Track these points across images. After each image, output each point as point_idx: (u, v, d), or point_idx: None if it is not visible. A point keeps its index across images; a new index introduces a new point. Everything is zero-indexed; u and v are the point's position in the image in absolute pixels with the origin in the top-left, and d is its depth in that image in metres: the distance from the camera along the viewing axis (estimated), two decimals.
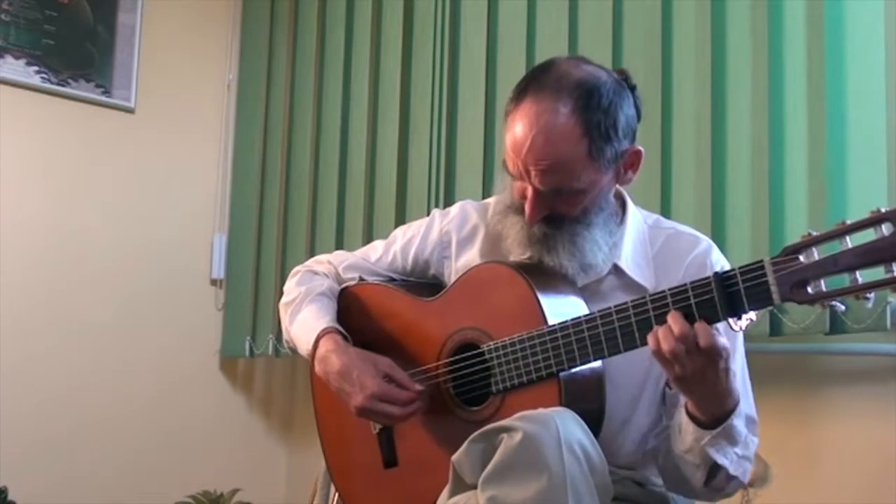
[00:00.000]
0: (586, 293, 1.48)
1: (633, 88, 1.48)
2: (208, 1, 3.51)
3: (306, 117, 3.24)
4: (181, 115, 3.40)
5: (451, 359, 1.51)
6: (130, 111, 3.27)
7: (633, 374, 1.42)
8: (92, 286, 3.16)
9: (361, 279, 1.72)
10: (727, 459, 1.35)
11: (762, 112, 2.02)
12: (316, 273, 1.74)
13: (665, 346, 1.25)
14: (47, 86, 3.11)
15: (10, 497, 2.71)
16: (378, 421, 1.56)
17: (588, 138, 1.39)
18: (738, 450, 1.35)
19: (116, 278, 3.20)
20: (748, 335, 1.94)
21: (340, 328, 1.61)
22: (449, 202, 2.63)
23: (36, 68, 3.10)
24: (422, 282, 1.70)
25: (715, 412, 1.32)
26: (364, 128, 3.01)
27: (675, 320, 1.25)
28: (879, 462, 1.87)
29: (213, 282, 3.44)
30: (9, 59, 3.05)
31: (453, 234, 1.65)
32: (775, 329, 1.95)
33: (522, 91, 1.44)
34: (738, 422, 1.33)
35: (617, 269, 1.50)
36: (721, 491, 1.42)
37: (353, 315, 1.67)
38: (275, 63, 3.41)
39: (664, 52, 2.22)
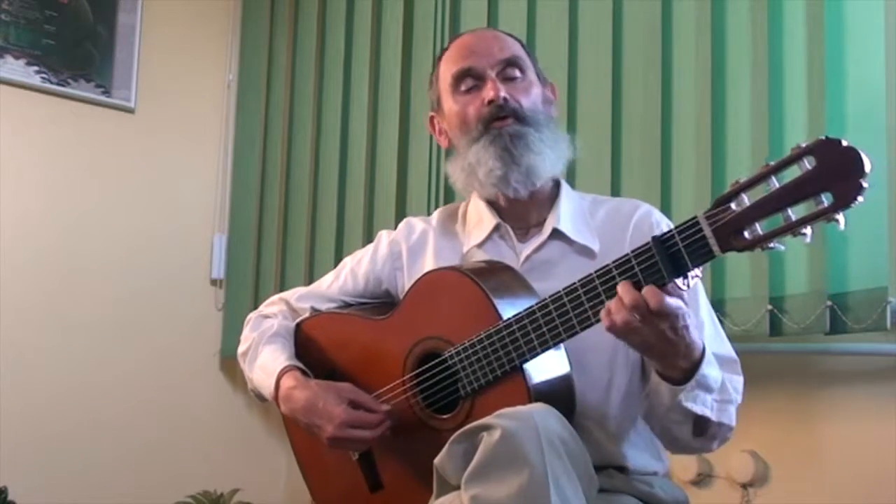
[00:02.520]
0: (535, 264, 1.53)
1: None
2: (208, 1, 3.51)
3: (306, 117, 3.24)
4: (181, 115, 3.40)
5: (416, 372, 1.51)
6: (130, 111, 3.28)
7: (605, 333, 1.40)
8: (92, 286, 3.16)
9: (314, 308, 1.73)
10: (707, 408, 1.36)
11: (762, 112, 2.02)
12: (267, 316, 1.77)
13: (618, 319, 1.25)
14: (47, 86, 3.11)
15: (10, 497, 2.71)
16: (352, 448, 1.56)
17: (519, 43, 1.64)
18: (715, 396, 1.36)
19: (116, 278, 3.20)
20: (748, 335, 1.95)
21: (299, 364, 1.62)
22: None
23: (36, 68, 3.10)
24: (375, 302, 1.71)
25: (683, 367, 1.33)
26: (364, 128, 3.01)
27: (625, 290, 1.25)
28: (879, 462, 1.87)
29: (213, 282, 3.44)
30: (9, 59, 3.05)
31: (402, 243, 1.69)
32: (775, 329, 1.95)
33: (448, 43, 1.67)
34: (708, 370, 1.34)
35: (558, 234, 1.55)
36: (715, 438, 1.42)
37: (312, 349, 1.68)
38: (275, 63, 3.41)
39: (664, 52, 2.22)
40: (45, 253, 3.09)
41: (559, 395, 1.36)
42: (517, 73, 1.57)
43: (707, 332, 1.47)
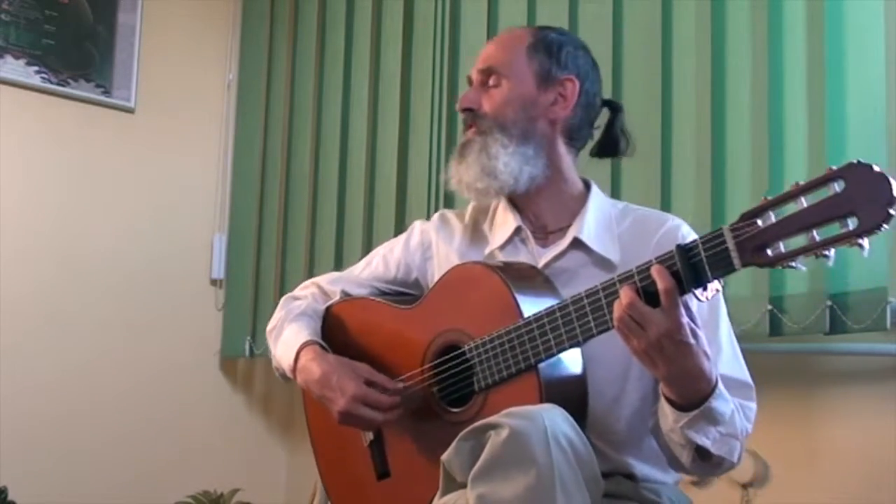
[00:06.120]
0: (554, 272, 1.52)
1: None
2: (208, 1, 3.51)
3: (306, 117, 3.24)
4: (181, 115, 3.40)
5: (434, 363, 1.52)
6: (130, 111, 3.27)
7: (619, 348, 1.38)
8: (92, 286, 3.16)
9: (344, 292, 1.75)
10: (708, 439, 1.35)
11: (762, 112, 2.02)
12: (297, 298, 1.79)
13: (616, 314, 1.27)
14: (47, 86, 3.11)
15: (10, 497, 2.71)
16: (361, 426, 1.57)
17: (533, 39, 1.61)
18: (720, 428, 1.35)
19: (116, 278, 3.20)
20: (748, 335, 1.95)
21: (321, 341, 1.63)
22: (449, 202, 2.63)
23: (36, 68, 3.10)
24: (403, 291, 1.72)
25: (689, 395, 1.33)
26: (364, 128, 3.01)
27: (624, 292, 1.27)
28: (879, 462, 1.87)
29: (213, 282, 3.44)
30: (9, 59, 3.05)
31: (433, 233, 1.72)
32: (775, 329, 1.95)
33: None
34: (717, 403, 1.33)
35: (579, 244, 1.54)
36: (717, 467, 1.42)
37: (338, 332, 1.69)
38: (275, 63, 3.41)
39: (664, 52, 2.22)
40: (43, 253, 3.08)
41: (571, 397, 1.36)
42: (491, 81, 1.61)
43: (725, 355, 1.46)
